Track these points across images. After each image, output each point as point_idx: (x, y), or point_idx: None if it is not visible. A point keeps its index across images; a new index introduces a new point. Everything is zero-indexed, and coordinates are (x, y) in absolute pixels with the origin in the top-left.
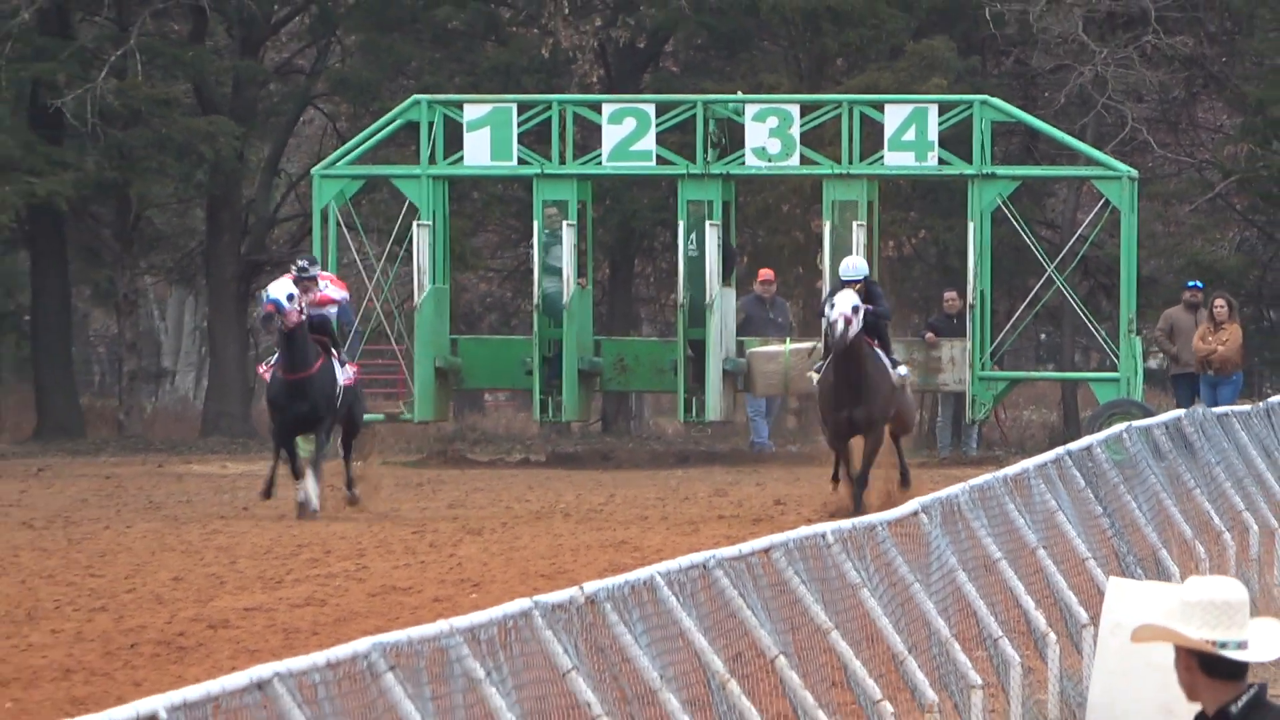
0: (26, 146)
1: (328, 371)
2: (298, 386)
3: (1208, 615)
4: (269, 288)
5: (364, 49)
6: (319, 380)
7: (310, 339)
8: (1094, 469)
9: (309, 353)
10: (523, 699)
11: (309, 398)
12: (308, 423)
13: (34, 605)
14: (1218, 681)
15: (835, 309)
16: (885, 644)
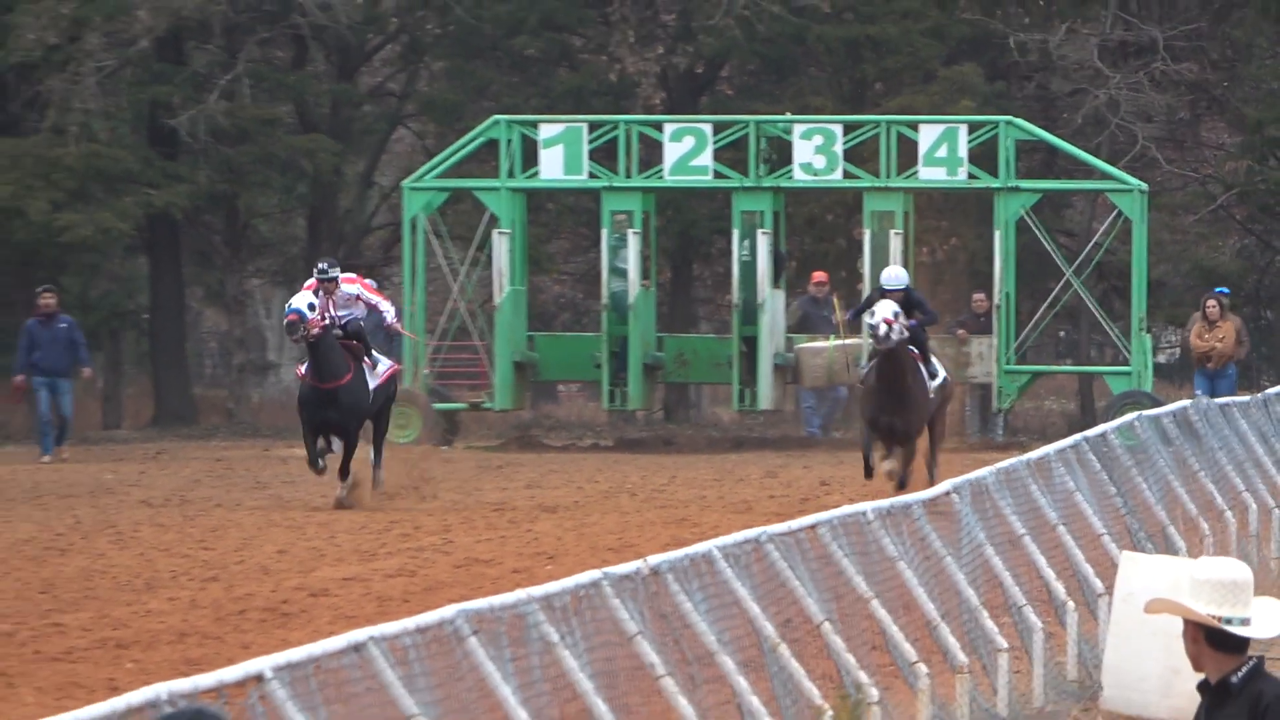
0: (145, 161)
1: (359, 381)
2: (328, 395)
3: (1215, 593)
4: (292, 300)
5: (449, 74)
6: (349, 390)
7: (340, 346)
8: (1108, 453)
9: (338, 363)
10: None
11: (338, 407)
12: (336, 429)
13: (152, 575)
14: (1222, 654)
15: (876, 315)
16: (920, 611)
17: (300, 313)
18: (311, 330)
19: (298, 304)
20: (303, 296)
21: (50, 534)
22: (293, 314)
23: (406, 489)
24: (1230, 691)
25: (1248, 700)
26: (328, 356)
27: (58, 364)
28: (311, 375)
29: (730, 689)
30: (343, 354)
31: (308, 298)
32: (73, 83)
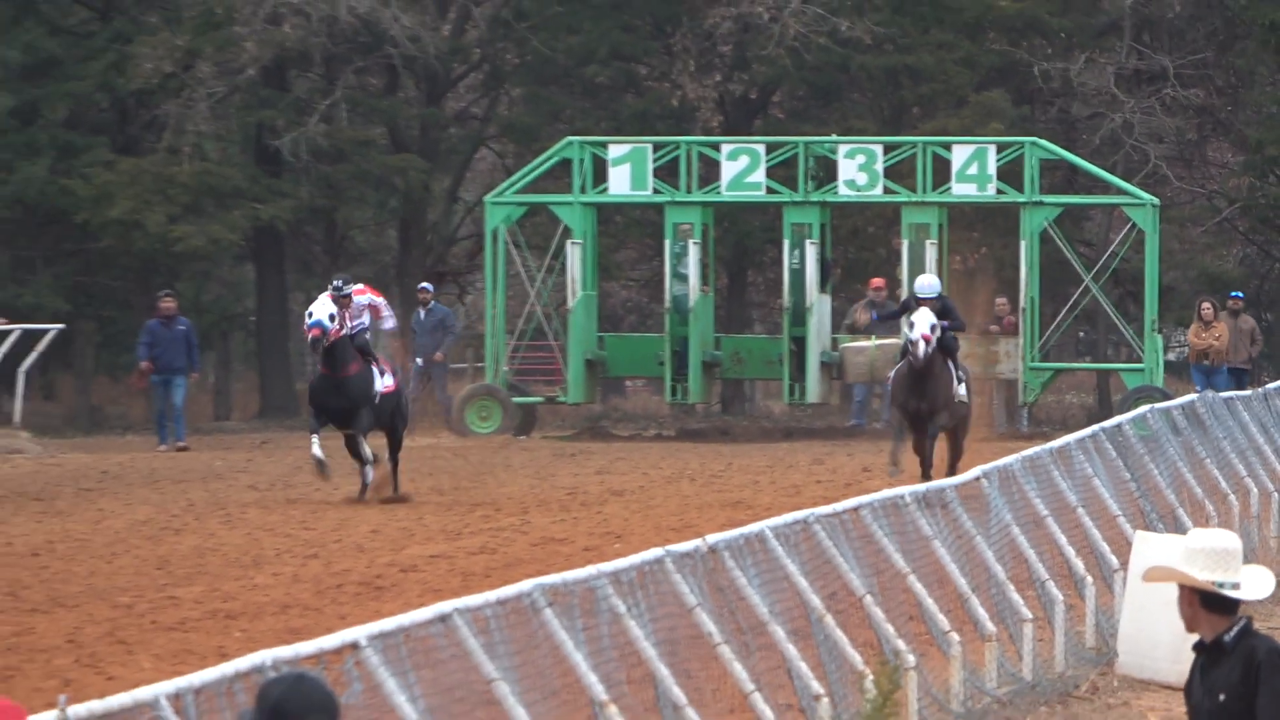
0: (252, 179)
1: (365, 374)
2: (337, 384)
3: (1209, 560)
4: (312, 310)
5: (527, 99)
6: (356, 380)
7: (352, 347)
8: (1123, 442)
9: (347, 358)
10: (656, 630)
11: (346, 395)
12: (344, 416)
13: (259, 553)
14: (1215, 615)
15: (915, 329)
16: (952, 585)
17: (323, 325)
18: (330, 339)
19: (320, 316)
20: (323, 307)
21: (166, 515)
22: (315, 328)
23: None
24: (1224, 649)
25: (1241, 656)
26: (340, 353)
27: (175, 362)
28: (323, 365)
29: (780, 655)
30: (354, 352)
31: (328, 308)
32: (187, 107)
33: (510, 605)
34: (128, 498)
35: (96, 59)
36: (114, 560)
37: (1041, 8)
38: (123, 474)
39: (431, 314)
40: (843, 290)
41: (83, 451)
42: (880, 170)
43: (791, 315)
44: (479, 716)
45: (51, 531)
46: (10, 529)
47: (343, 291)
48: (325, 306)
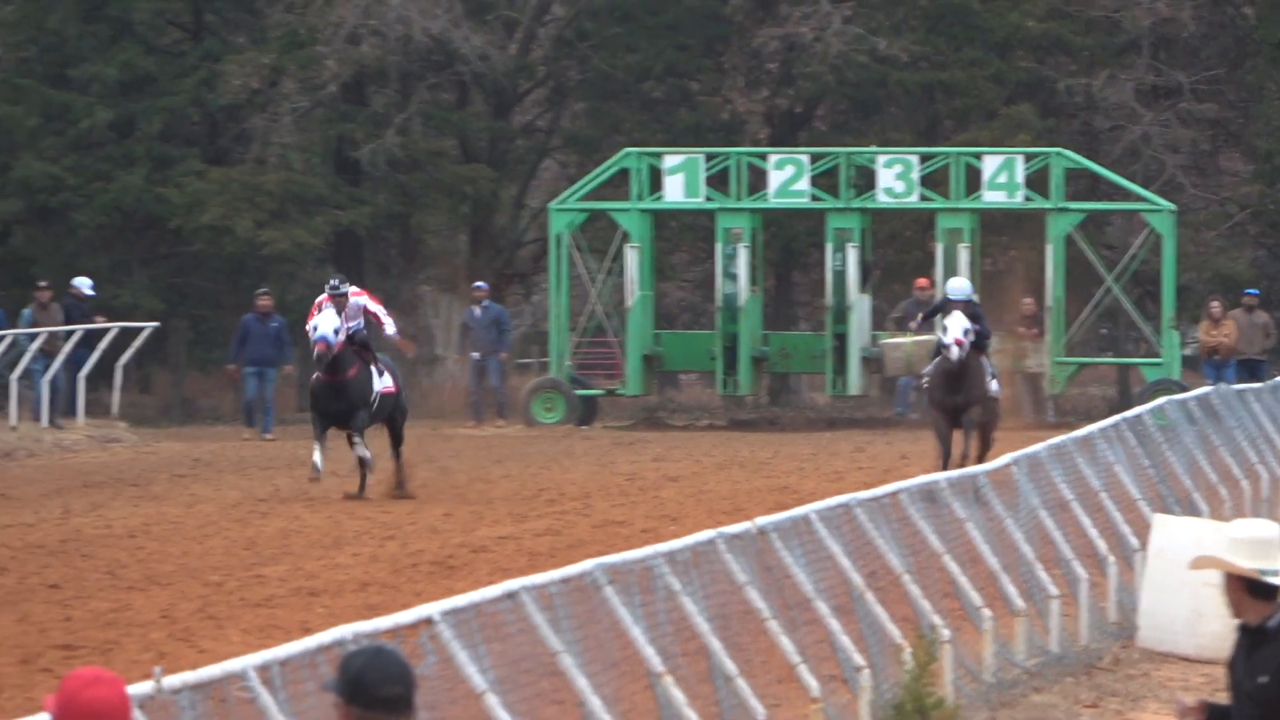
0: (333, 187)
1: (363, 376)
2: (335, 387)
3: (1253, 549)
4: (316, 324)
5: (588, 113)
6: (354, 383)
7: (351, 351)
8: (1143, 432)
9: (346, 362)
10: (709, 606)
11: (344, 398)
12: (344, 417)
13: (339, 534)
14: (1260, 601)
15: (949, 333)
16: (984, 564)
17: (328, 340)
18: (335, 351)
19: (324, 331)
20: (328, 321)
21: (253, 500)
22: (320, 342)
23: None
24: (1267, 634)
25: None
26: (341, 360)
27: (266, 355)
28: (324, 372)
29: (824, 630)
30: (352, 356)
31: (333, 322)
32: (272, 121)
33: (573, 583)
34: (218, 483)
35: (189, 76)
36: (205, 541)
37: (1065, 27)
38: (213, 461)
39: (486, 311)
40: (881, 290)
41: (176, 440)
42: (916, 179)
43: (834, 313)
44: (544, 687)
45: (147, 515)
46: (109, 512)
47: (339, 290)
48: (330, 320)
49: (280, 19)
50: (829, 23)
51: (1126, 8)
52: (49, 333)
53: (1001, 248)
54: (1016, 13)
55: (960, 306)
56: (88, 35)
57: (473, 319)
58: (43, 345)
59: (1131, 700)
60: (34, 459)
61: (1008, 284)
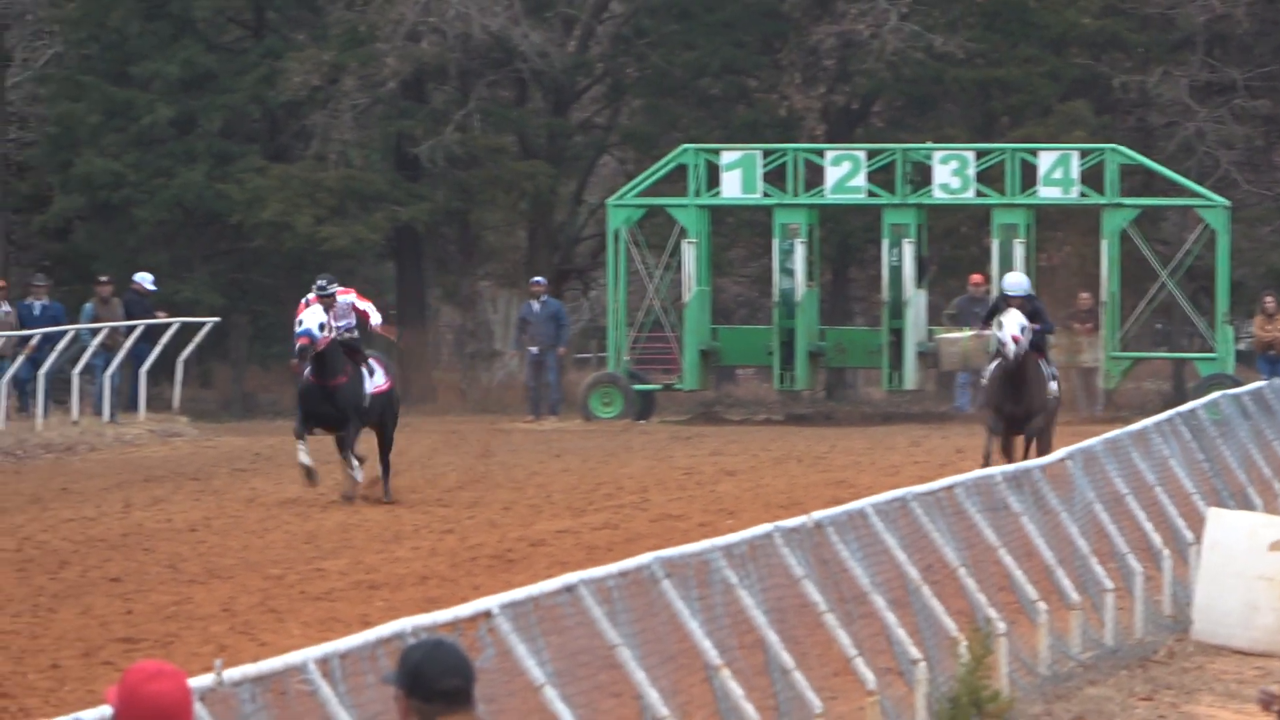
0: (392, 183)
1: (356, 381)
2: (327, 392)
3: None
4: (302, 318)
5: (646, 110)
6: (346, 389)
7: (342, 352)
8: (1197, 426)
9: (338, 364)
10: (766, 599)
11: (335, 403)
12: (333, 423)
13: (399, 528)
14: None
15: (1005, 329)
16: (1040, 558)
17: (311, 334)
18: (319, 348)
19: (309, 325)
20: (314, 317)
21: (313, 494)
22: (303, 336)
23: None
24: None
25: None
26: (330, 359)
27: None
28: (313, 374)
29: (881, 623)
30: (343, 358)
31: (319, 318)
32: (332, 118)
33: (631, 576)
34: (278, 477)
35: (249, 73)
36: (265, 535)
37: (1120, 24)
38: (273, 455)
39: (545, 306)
40: (937, 285)
41: (236, 435)
42: (972, 175)
43: (890, 309)
44: (602, 679)
45: (208, 508)
46: (170, 506)
47: (326, 291)
48: (315, 316)
49: (341, 16)
50: (885, 20)
51: (1181, 5)
52: (110, 328)
53: (1056, 243)
54: (1072, 10)
55: (1017, 303)
56: (149, 33)
57: (531, 313)
58: (104, 340)
59: (1186, 693)
60: (95, 453)
61: (1062, 279)
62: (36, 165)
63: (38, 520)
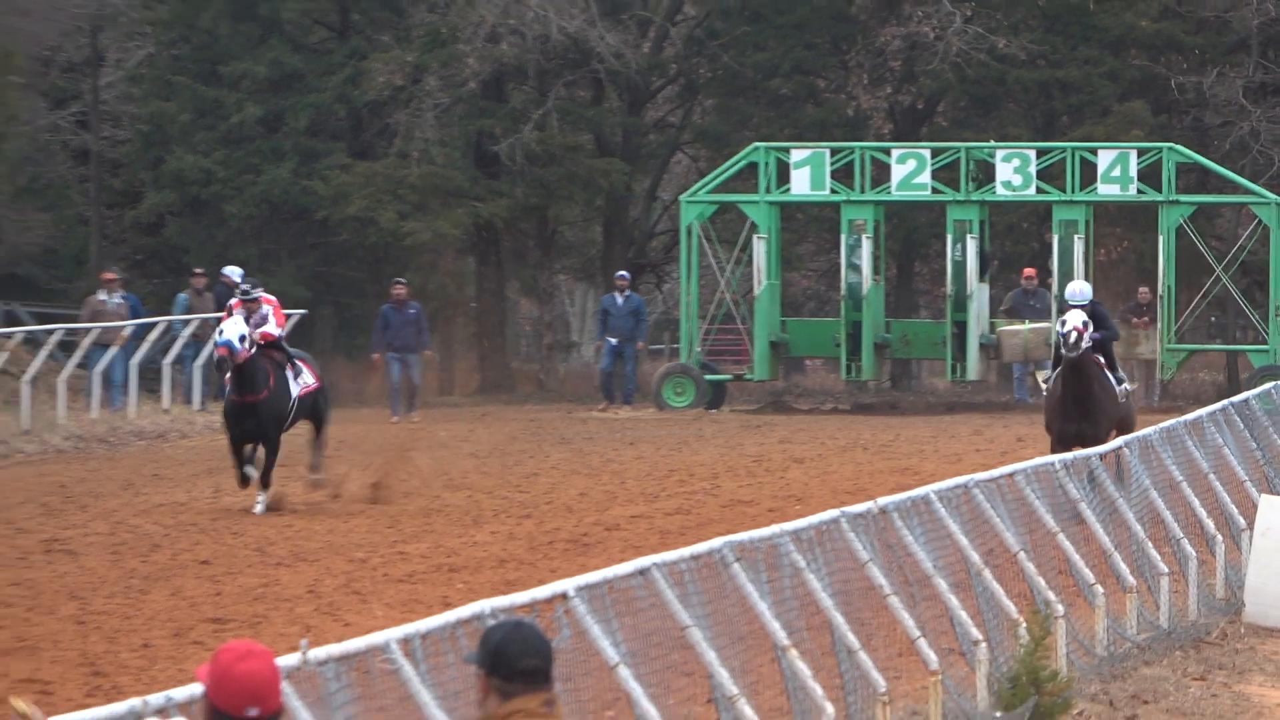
0: (473, 180)
1: (278, 394)
2: (249, 408)
3: None
4: (223, 328)
5: (718, 109)
6: (268, 404)
7: (262, 364)
8: (1250, 416)
9: (259, 379)
10: (833, 582)
11: (259, 418)
12: (258, 437)
13: (479, 513)
14: None
15: (1067, 324)
16: (1097, 543)
17: (231, 346)
18: (239, 359)
19: (229, 336)
20: (234, 328)
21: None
22: (223, 347)
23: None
24: None
25: None
26: (250, 374)
27: (407, 342)
28: (234, 390)
29: (943, 605)
30: (265, 370)
31: (239, 329)
32: (415, 116)
33: (702, 560)
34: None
35: (335, 73)
36: (350, 520)
37: (1177, 27)
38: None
39: (628, 300)
40: (999, 279)
41: None
42: (1033, 172)
43: (954, 302)
44: (674, 659)
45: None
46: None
47: (250, 295)
48: (236, 327)
49: (423, 18)
50: (950, 22)
51: (1236, 8)
52: (201, 319)
53: (1115, 239)
54: (1131, 13)
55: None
56: (238, 34)
57: (613, 306)
58: (194, 331)
59: (1238, 673)
60: (186, 440)
61: (1121, 274)
62: (129, 162)
63: (130, 505)
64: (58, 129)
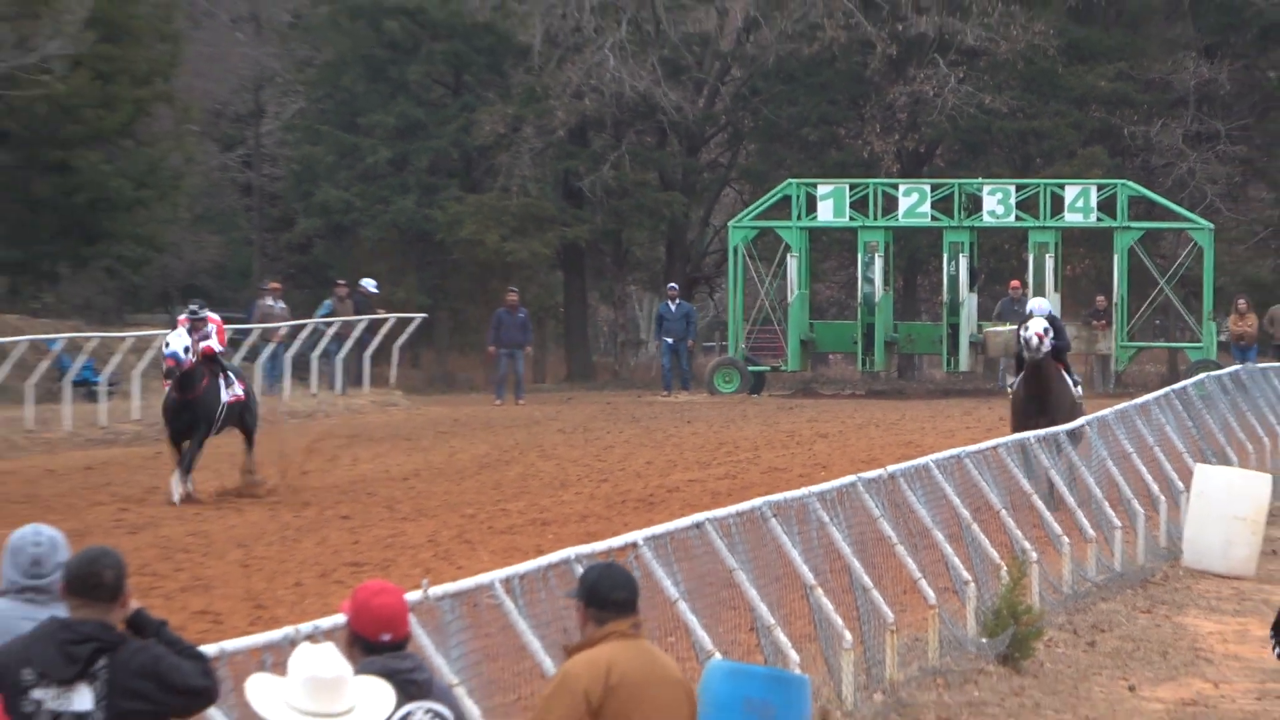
0: (561, 209)
1: (210, 394)
2: (185, 404)
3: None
4: (169, 341)
5: (759, 152)
6: (202, 401)
7: (201, 369)
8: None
9: (196, 381)
10: (850, 534)
11: (192, 413)
12: (191, 430)
13: (565, 478)
14: None
15: (1029, 329)
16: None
17: (178, 357)
18: (184, 368)
19: (175, 348)
20: (179, 339)
21: (499, 451)
22: (170, 358)
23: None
24: None
25: None
26: (190, 377)
27: (515, 339)
28: (175, 389)
29: (940, 553)
30: (202, 374)
31: (184, 341)
32: (514, 158)
33: (745, 516)
34: (472, 439)
35: (450, 123)
36: (462, 483)
37: (1129, 87)
38: (468, 421)
39: (679, 307)
40: (985, 290)
41: (439, 406)
42: (1013, 204)
43: (949, 308)
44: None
45: (418, 462)
46: (388, 460)
47: (198, 315)
48: (181, 340)
49: (521, 79)
50: (946, 82)
51: (1177, 72)
52: (343, 321)
53: (1079, 257)
54: (1091, 75)
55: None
56: (372, 91)
57: (668, 312)
58: (337, 331)
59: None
60: (330, 419)
61: (1083, 285)
62: (284, 195)
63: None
64: (227, 168)
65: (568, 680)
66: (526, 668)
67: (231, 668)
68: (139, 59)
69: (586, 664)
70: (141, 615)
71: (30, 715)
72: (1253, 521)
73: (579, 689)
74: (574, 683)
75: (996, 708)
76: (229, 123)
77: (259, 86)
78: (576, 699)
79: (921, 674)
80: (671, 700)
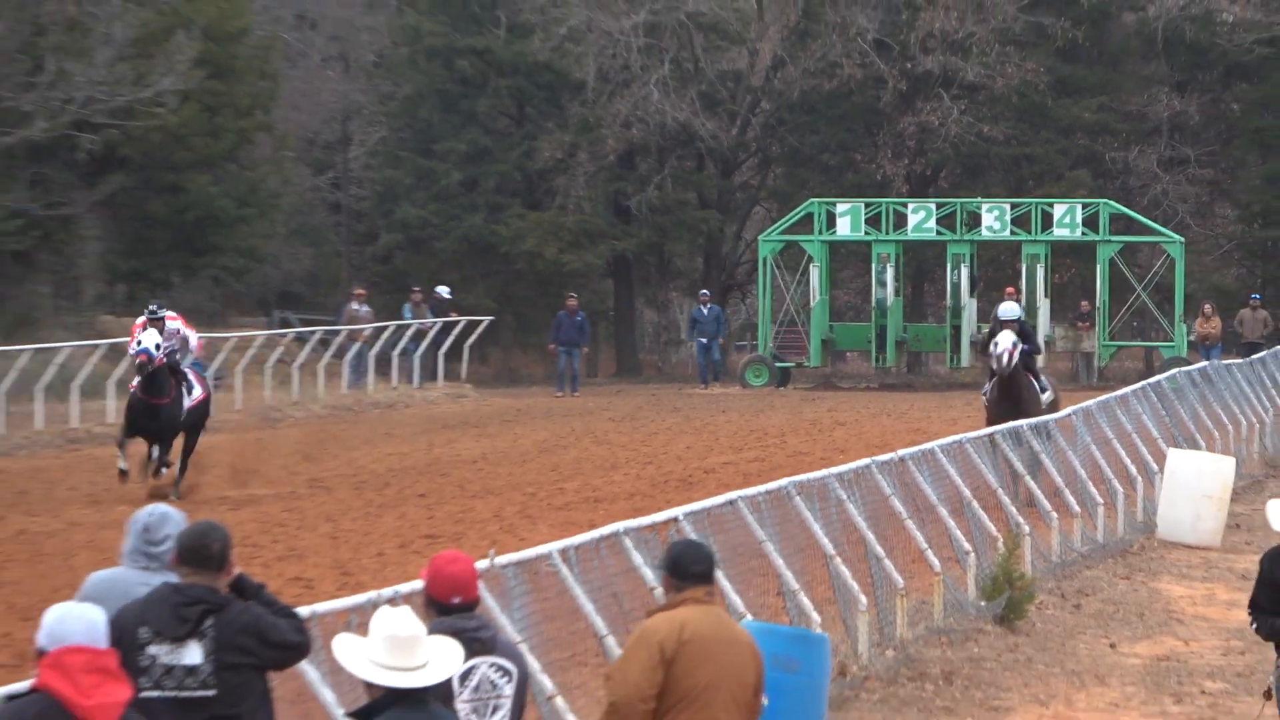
0: (609, 224)
1: (178, 402)
2: (153, 409)
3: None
4: (141, 339)
5: (786, 175)
6: (170, 408)
7: (168, 373)
8: (1161, 392)
9: (165, 385)
10: (865, 510)
11: (159, 419)
12: (155, 436)
13: (614, 460)
14: None
15: (1000, 346)
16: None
17: (149, 353)
18: (155, 364)
19: (148, 344)
20: (150, 338)
21: (556, 437)
22: (143, 354)
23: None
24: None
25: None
26: (158, 380)
27: (572, 339)
28: (142, 390)
29: (944, 526)
30: (169, 380)
31: (155, 339)
32: (570, 180)
33: (773, 494)
34: (533, 426)
35: (514, 149)
36: (524, 465)
37: (1109, 117)
38: (530, 411)
39: (711, 311)
40: (984, 296)
41: (504, 398)
42: (1008, 220)
43: (951, 311)
44: (753, 564)
45: (485, 447)
46: (459, 446)
47: (156, 315)
48: (152, 337)
49: (577, 111)
50: (950, 114)
51: (1152, 104)
52: (419, 324)
53: (1066, 267)
54: (1077, 107)
55: (1011, 326)
56: (446, 121)
57: (700, 315)
58: (415, 331)
59: (1152, 574)
60: (408, 409)
61: (1069, 291)
62: (369, 213)
63: (369, 454)
64: (318, 189)
65: (646, 634)
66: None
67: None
68: (242, 94)
69: (664, 620)
70: (243, 580)
71: (145, 669)
72: (1219, 499)
73: (655, 641)
74: (651, 635)
75: (993, 663)
76: (320, 149)
77: (346, 118)
78: (652, 650)
79: (928, 633)
80: (738, 659)
